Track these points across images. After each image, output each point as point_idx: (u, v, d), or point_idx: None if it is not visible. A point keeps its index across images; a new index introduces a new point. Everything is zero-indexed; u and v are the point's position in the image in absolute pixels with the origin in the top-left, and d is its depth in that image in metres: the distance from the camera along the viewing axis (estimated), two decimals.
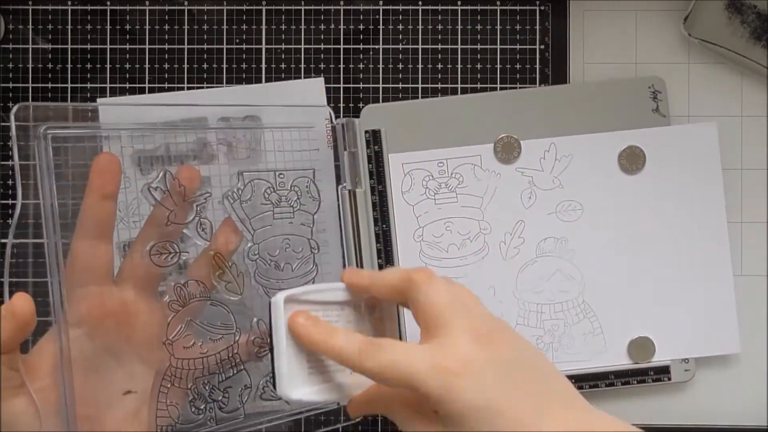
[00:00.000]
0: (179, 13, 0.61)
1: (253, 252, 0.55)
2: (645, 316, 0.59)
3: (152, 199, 0.50)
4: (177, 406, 0.50)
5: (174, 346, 0.50)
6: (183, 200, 0.51)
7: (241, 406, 0.54)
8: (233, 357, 0.53)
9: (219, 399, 0.52)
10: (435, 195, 0.59)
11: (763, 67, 0.60)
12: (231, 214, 0.54)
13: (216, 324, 0.52)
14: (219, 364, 0.52)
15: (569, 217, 0.59)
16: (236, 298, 0.53)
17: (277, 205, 0.56)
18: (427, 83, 0.62)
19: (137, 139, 0.53)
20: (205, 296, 0.52)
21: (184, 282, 0.51)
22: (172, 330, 0.50)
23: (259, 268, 0.55)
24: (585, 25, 0.62)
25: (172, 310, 0.50)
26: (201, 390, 0.51)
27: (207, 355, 0.51)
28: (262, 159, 0.57)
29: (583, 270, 0.59)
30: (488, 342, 0.43)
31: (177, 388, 0.50)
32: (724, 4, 0.60)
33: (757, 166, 0.62)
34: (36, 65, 0.61)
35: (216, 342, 0.52)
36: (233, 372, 0.53)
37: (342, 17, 0.62)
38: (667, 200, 0.59)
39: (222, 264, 0.53)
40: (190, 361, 0.50)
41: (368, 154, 0.59)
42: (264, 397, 0.55)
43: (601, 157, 0.59)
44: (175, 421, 0.50)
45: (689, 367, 0.60)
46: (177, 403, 0.50)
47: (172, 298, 0.50)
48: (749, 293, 0.61)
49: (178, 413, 0.50)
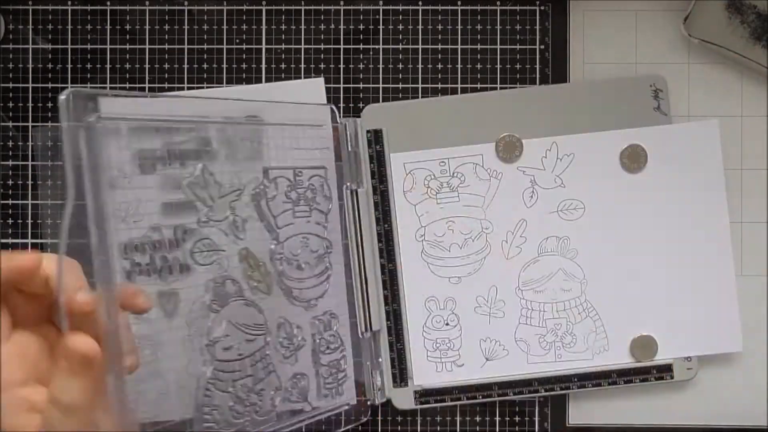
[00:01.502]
0: (179, 13, 0.61)
1: (279, 251, 0.54)
2: (647, 315, 0.59)
3: (192, 195, 0.48)
4: (219, 409, 0.48)
5: (216, 348, 0.48)
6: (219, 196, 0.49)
7: (274, 409, 0.52)
8: (265, 358, 0.51)
9: (256, 402, 0.50)
10: (437, 194, 0.59)
11: (763, 67, 0.60)
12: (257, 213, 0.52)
13: (250, 324, 0.50)
14: (254, 366, 0.50)
15: (571, 216, 0.59)
16: (265, 298, 0.52)
17: (296, 203, 0.56)
18: (427, 83, 0.62)
19: (137, 139, 0.53)
20: (240, 295, 0.50)
21: (222, 281, 0.49)
22: (213, 331, 0.48)
23: (285, 267, 0.54)
24: (585, 25, 0.62)
25: (212, 311, 0.48)
26: (239, 394, 0.49)
27: (244, 356, 0.49)
28: (265, 157, 0.55)
29: (585, 269, 0.59)
30: None
31: (218, 393, 0.48)
32: (724, 4, 0.60)
33: (757, 166, 0.62)
34: (36, 65, 0.61)
35: (251, 343, 0.50)
36: (265, 375, 0.51)
37: (342, 17, 0.62)
38: (668, 198, 0.59)
39: (253, 263, 0.51)
40: (229, 363, 0.48)
41: (370, 153, 0.59)
42: (292, 400, 0.54)
43: (603, 156, 0.59)
44: (218, 426, 0.48)
45: (692, 365, 0.60)
46: (218, 406, 0.48)
47: (213, 298, 0.48)
48: (749, 293, 0.61)
49: (220, 418, 0.48)
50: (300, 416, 0.54)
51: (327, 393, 0.56)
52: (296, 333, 0.54)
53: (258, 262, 0.52)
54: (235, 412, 0.49)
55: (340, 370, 0.56)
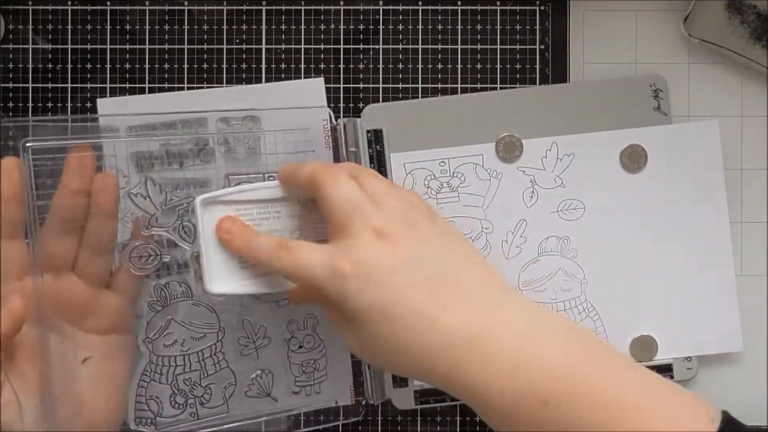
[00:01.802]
0: (179, 13, 0.61)
1: None
2: (647, 315, 0.59)
3: (134, 205, 0.52)
4: (157, 400, 0.53)
5: (154, 343, 0.52)
6: (165, 205, 0.53)
7: (225, 403, 0.55)
8: (216, 355, 0.55)
9: (201, 395, 0.54)
10: (437, 194, 0.59)
11: (763, 67, 0.60)
12: None
13: (199, 323, 0.54)
14: (201, 362, 0.54)
15: (571, 216, 0.59)
16: (222, 299, 0.55)
17: None
18: (427, 83, 0.62)
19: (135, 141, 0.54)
20: (186, 296, 0.53)
21: (165, 283, 0.52)
22: (152, 328, 0.52)
23: None
24: (585, 25, 0.62)
25: (153, 310, 0.52)
26: (182, 386, 0.53)
27: (189, 352, 0.53)
28: (262, 161, 0.57)
29: (585, 269, 0.59)
30: (389, 241, 0.44)
31: (157, 384, 0.52)
32: (724, 4, 0.60)
33: (757, 166, 0.62)
34: (36, 65, 0.61)
35: (198, 340, 0.53)
36: (216, 369, 0.55)
37: (342, 17, 0.62)
38: (669, 198, 0.59)
39: None
40: (171, 358, 0.53)
41: (370, 153, 0.59)
42: (250, 395, 0.56)
43: (603, 156, 0.59)
44: (155, 414, 0.52)
45: (692, 365, 0.60)
46: (158, 397, 0.53)
47: (153, 299, 0.52)
48: (749, 293, 0.61)
49: (159, 407, 0.53)
50: (261, 411, 0.56)
51: (298, 391, 0.58)
52: (258, 332, 0.56)
53: None
54: (174, 402, 0.53)
55: (318, 369, 0.58)
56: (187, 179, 0.54)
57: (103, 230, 0.50)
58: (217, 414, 0.54)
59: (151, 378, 0.52)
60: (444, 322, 0.43)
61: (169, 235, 0.53)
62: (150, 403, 0.52)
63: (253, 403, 0.56)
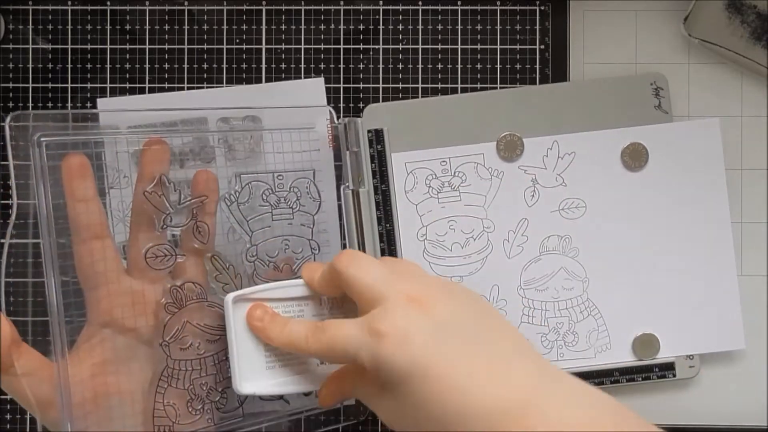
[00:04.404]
0: (179, 13, 0.61)
1: (252, 253, 0.55)
2: (649, 313, 0.59)
3: (148, 204, 0.51)
4: (174, 406, 0.51)
5: (171, 347, 0.51)
6: (179, 204, 0.52)
7: (240, 406, 0.54)
8: None
9: (217, 399, 0.53)
10: (438, 194, 0.59)
11: (763, 67, 0.60)
12: (228, 217, 0.55)
13: (214, 325, 0.52)
14: (217, 365, 0.52)
15: (572, 214, 0.59)
16: None
17: (275, 206, 0.56)
18: (427, 83, 0.62)
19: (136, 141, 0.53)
20: (201, 298, 0.52)
21: (181, 284, 0.51)
22: (168, 332, 0.50)
23: (257, 269, 0.55)
24: (585, 25, 0.62)
25: (169, 312, 0.51)
26: (198, 391, 0.52)
27: (204, 356, 0.52)
28: (261, 160, 0.57)
29: (586, 267, 0.59)
30: (423, 304, 0.44)
31: (174, 389, 0.51)
32: (724, 4, 0.60)
33: (757, 166, 0.62)
34: (36, 65, 0.60)
35: (214, 343, 0.52)
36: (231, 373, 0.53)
37: (342, 17, 0.62)
38: (670, 197, 0.59)
39: (219, 266, 0.53)
40: (188, 362, 0.51)
41: (371, 153, 0.59)
42: (264, 398, 0.55)
43: (604, 155, 0.59)
44: (173, 421, 0.50)
45: (694, 363, 0.60)
46: (175, 403, 0.51)
47: (169, 301, 0.51)
48: (749, 293, 0.61)
49: (176, 413, 0.50)
50: (271, 415, 0.56)
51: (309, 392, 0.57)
52: None
53: (225, 265, 0.53)
54: (192, 408, 0.51)
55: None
56: (188, 180, 0.54)
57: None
58: (232, 418, 0.54)
59: (169, 383, 0.51)
60: (486, 390, 0.41)
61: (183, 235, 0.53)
62: (168, 409, 0.51)
63: (266, 405, 0.56)
